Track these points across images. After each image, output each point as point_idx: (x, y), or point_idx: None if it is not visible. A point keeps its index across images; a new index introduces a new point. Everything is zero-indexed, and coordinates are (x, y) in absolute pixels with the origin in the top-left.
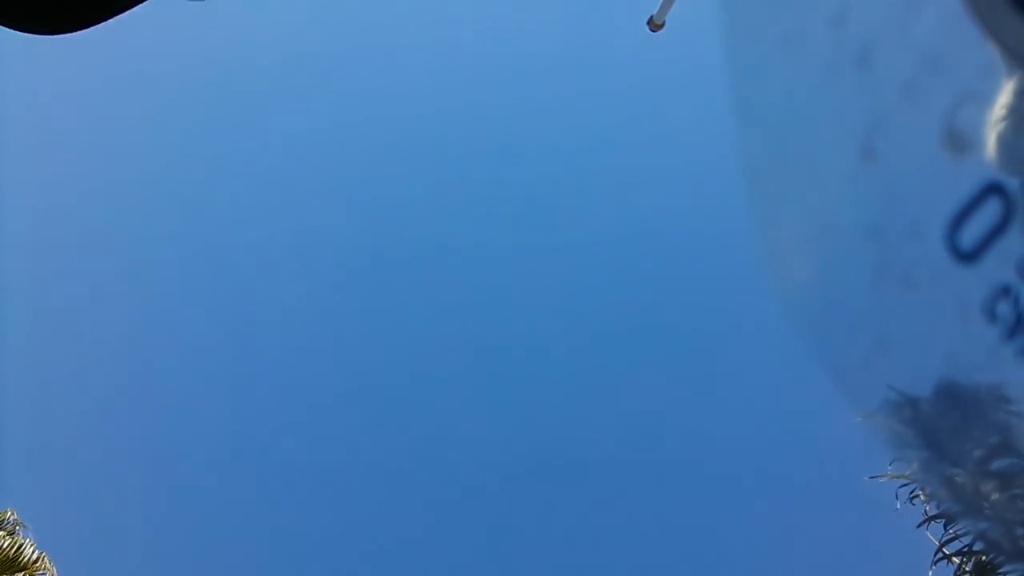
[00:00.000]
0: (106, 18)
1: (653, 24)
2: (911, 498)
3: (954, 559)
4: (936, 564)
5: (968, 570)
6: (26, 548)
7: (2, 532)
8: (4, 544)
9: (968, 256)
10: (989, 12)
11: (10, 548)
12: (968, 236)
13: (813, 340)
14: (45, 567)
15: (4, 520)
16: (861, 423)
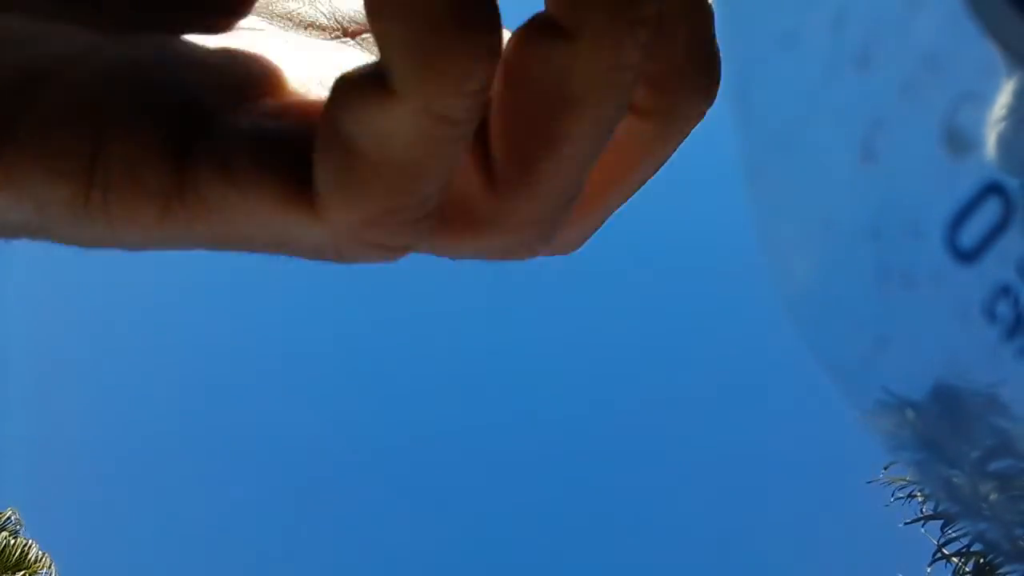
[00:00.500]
0: None
1: None
2: (908, 498)
3: (953, 559)
4: (934, 564)
5: (967, 571)
6: (30, 548)
7: (4, 532)
8: (6, 544)
9: (968, 256)
10: (989, 12)
11: (13, 549)
12: (968, 236)
13: (812, 340)
14: (46, 567)
15: (5, 519)
16: (860, 423)
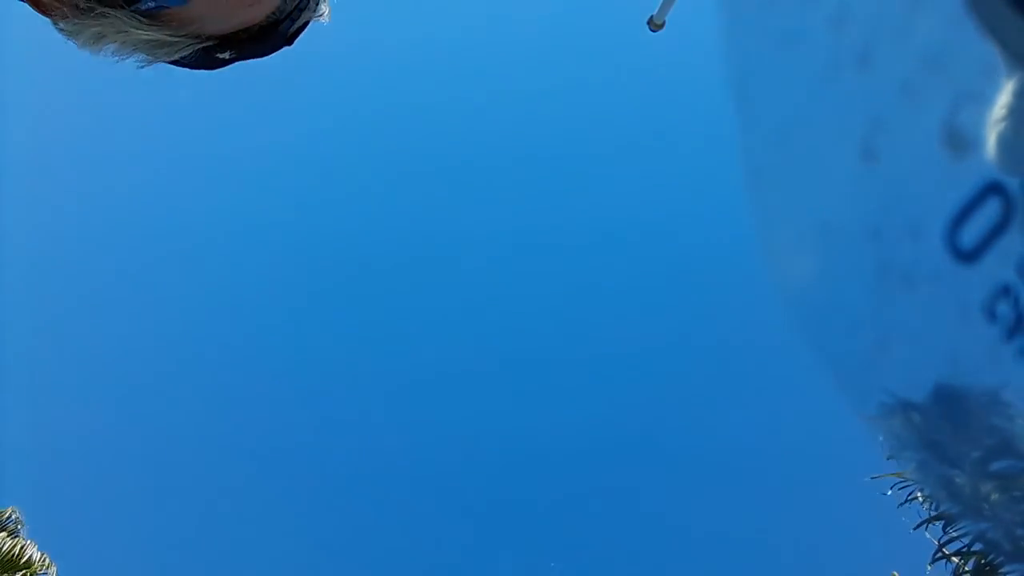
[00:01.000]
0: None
1: (653, 24)
2: (910, 498)
3: (953, 559)
4: (934, 563)
5: (967, 570)
6: (28, 549)
7: (3, 532)
8: (5, 545)
9: (968, 256)
10: (989, 12)
11: (11, 549)
12: (968, 236)
13: (813, 340)
14: (46, 567)
15: (6, 519)
16: (861, 423)
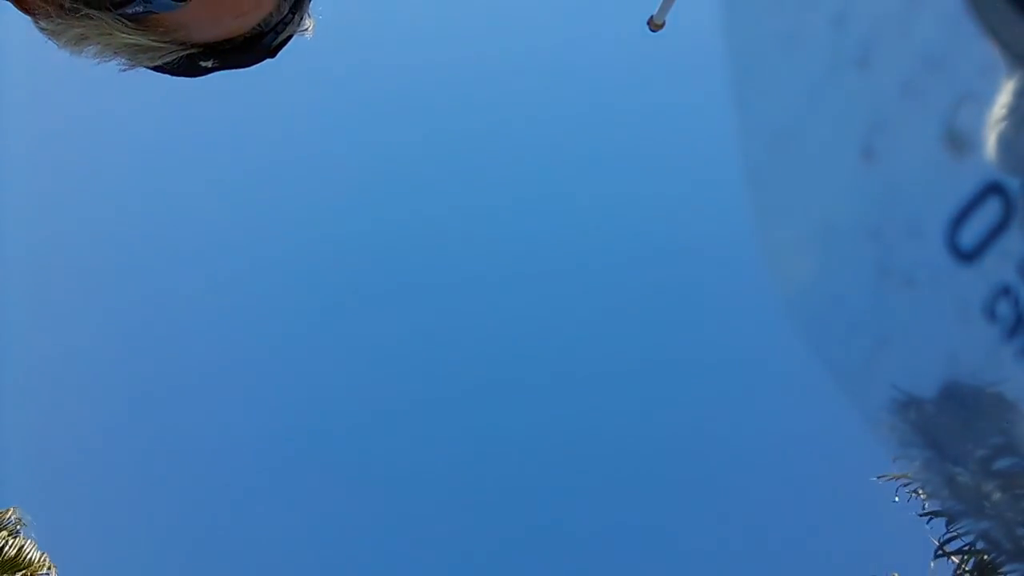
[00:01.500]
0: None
1: (653, 24)
2: (912, 497)
3: (954, 558)
4: (936, 561)
5: (968, 569)
6: (27, 548)
7: (4, 532)
8: (6, 545)
9: (968, 256)
10: (989, 12)
11: (12, 549)
12: (968, 236)
13: (813, 340)
14: (46, 567)
15: (6, 519)
16: (862, 423)
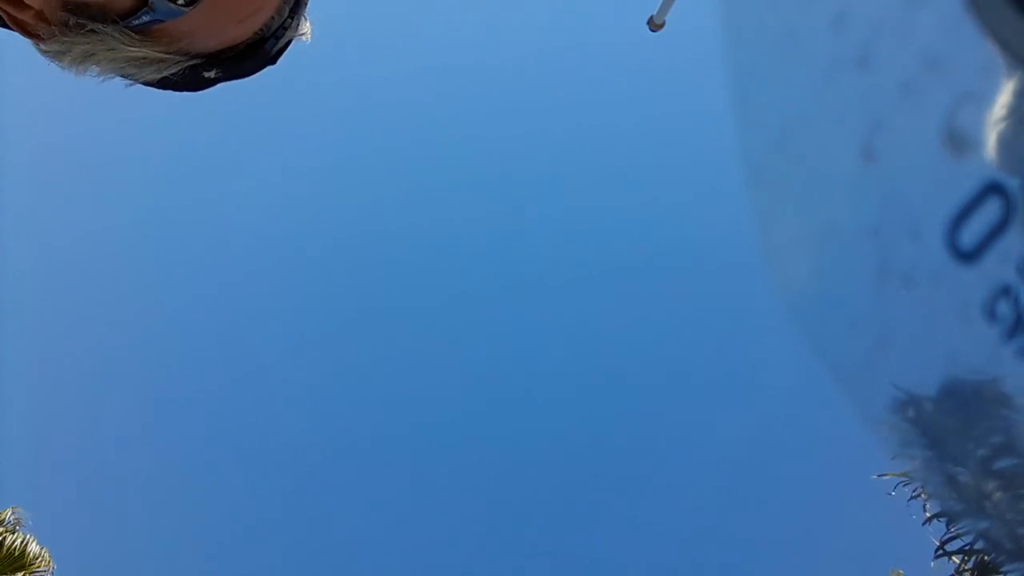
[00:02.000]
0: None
1: (653, 24)
2: (913, 496)
3: (954, 558)
4: (937, 559)
5: (969, 568)
6: (29, 545)
7: (2, 529)
8: (7, 542)
9: (968, 256)
10: (989, 12)
11: (12, 546)
12: (968, 236)
13: (813, 340)
14: (45, 564)
15: (5, 519)
16: (862, 423)
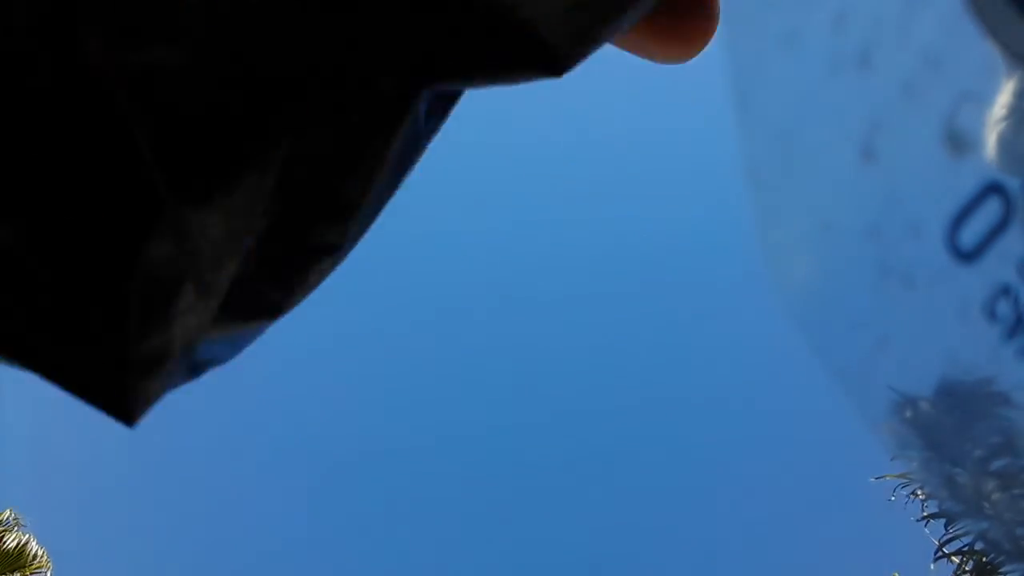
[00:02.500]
0: None
1: None
2: (911, 497)
3: (953, 559)
4: (936, 561)
5: (968, 570)
6: (28, 545)
7: (1, 529)
8: (5, 542)
9: (968, 256)
10: (989, 12)
11: (11, 547)
12: (968, 236)
13: (812, 340)
14: (43, 564)
15: (3, 520)
16: (861, 423)
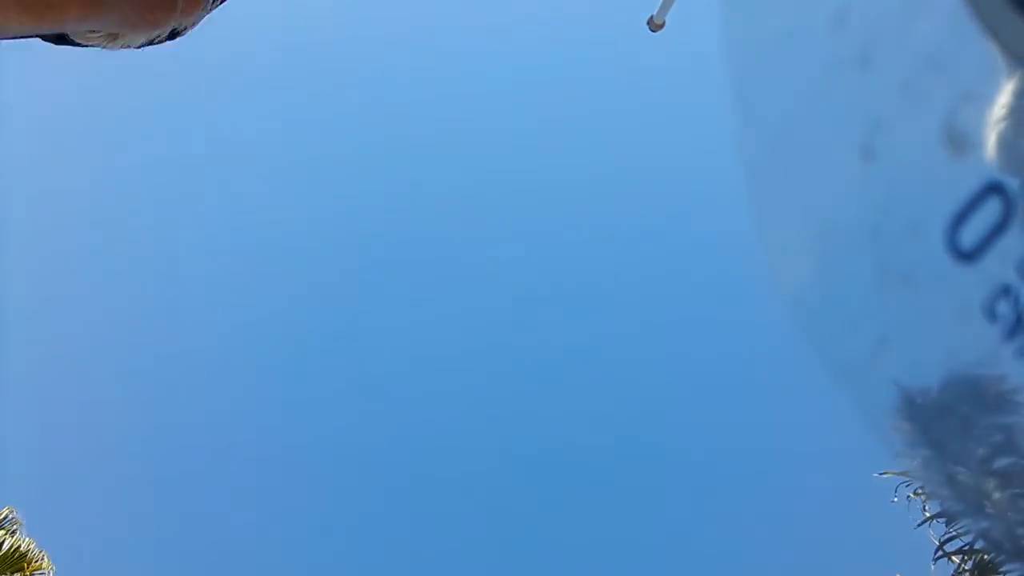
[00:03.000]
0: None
1: (653, 24)
2: (912, 496)
3: (954, 558)
4: (936, 561)
5: (968, 568)
6: (28, 546)
7: (1, 531)
8: (5, 543)
9: (968, 256)
10: (989, 12)
11: (11, 548)
12: (968, 236)
13: (813, 340)
14: (44, 566)
15: (3, 519)
16: (862, 422)
